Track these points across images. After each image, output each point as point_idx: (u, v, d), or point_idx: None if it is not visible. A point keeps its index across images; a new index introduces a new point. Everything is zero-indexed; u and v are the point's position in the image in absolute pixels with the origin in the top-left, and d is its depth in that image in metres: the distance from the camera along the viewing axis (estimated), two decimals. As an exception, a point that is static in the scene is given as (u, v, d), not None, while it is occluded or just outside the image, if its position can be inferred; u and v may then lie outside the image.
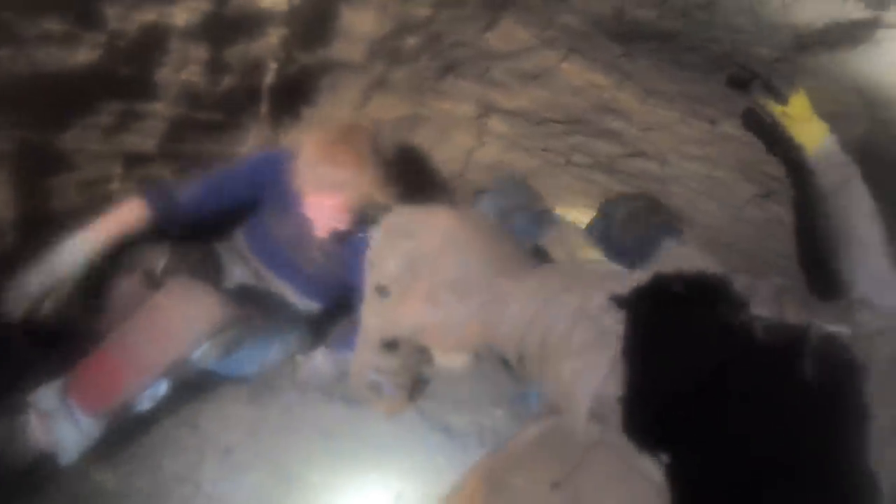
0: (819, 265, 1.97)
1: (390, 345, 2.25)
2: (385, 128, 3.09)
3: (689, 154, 2.85)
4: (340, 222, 2.60)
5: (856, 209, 1.92)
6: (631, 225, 2.90)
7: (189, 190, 2.54)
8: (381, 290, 2.09)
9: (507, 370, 2.89)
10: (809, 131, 2.13)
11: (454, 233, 1.82)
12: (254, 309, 2.47)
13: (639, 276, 1.43)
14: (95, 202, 2.51)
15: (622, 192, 3.26)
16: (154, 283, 2.45)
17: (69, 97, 2.14)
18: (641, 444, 1.21)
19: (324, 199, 2.54)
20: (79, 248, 2.27)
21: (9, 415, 2.08)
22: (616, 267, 1.73)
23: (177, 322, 2.21)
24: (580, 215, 3.72)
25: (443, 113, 3.07)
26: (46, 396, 2.11)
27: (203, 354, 2.28)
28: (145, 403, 2.25)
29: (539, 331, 1.39)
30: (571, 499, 1.31)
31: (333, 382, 2.71)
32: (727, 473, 1.13)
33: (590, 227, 3.26)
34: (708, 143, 2.73)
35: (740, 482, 1.11)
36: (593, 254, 3.14)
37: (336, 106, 2.88)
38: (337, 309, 2.99)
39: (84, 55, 2.03)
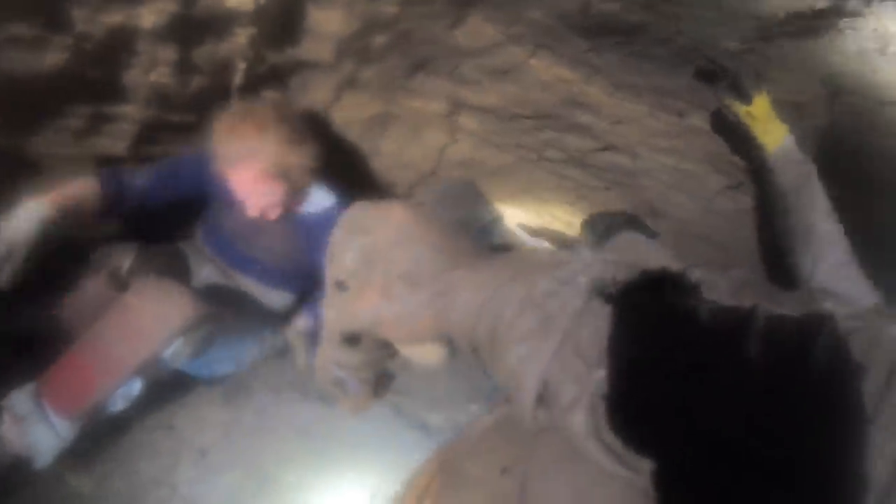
0: (780, 259, 2.03)
1: (351, 339, 2.26)
2: (355, 127, 3.11)
3: (659, 147, 2.88)
4: (266, 195, 2.58)
5: (814, 206, 1.99)
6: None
7: (141, 175, 2.54)
8: (340, 285, 2.11)
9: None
10: (770, 131, 2.20)
11: (408, 226, 1.84)
12: (224, 307, 2.48)
13: (584, 262, 1.44)
14: (67, 206, 2.51)
15: (604, 209, 3.29)
16: (120, 283, 2.45)
17: (38, 101, 2.14)
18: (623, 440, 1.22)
19: (240, 175, 2.52)
20: (31, 213, 2.18)
21: None
22: (564, 255, 1.75)
23: (147, 321, 2.22)
24: (556, 211, 3.74)
25: (414, 111, 3.08)
26: (20, 400, 2.11)
27: (175, 353, 2.28)
28: (119, 404, 2.25)
29: (488, 319, 1.40)
30: (519, 483, 1.33)
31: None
32: (684, 453, 1.14)
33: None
34: (676, 135, 2.75)
35: (697, 462, 1.13)
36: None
37: (306, 106, 2.89)
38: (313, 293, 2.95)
39: (52, 58, 2.03)
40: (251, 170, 2.50)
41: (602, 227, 2.98)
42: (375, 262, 1.92)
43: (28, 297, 2.42)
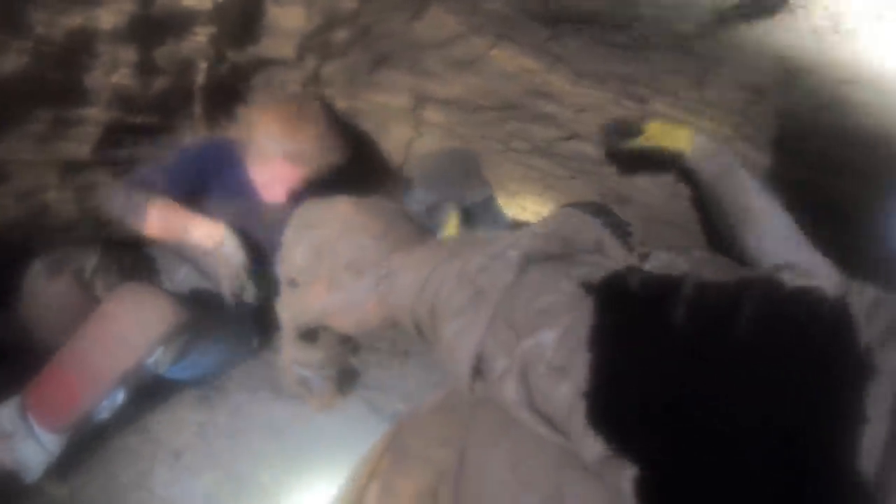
0: (730, 251, 2.08)
1: (307, 336, 2.27)
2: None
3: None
4: (295, 185, 2.66)
5: (742, 187, 2.06)
6: None
7: (161, 179, 2.56)
8: (291, 283, 2.13)
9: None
10: (678, 138, 2.30)
11: (351, 218, 1.87)
12: (203, 310, 2.46)
13: (515, 237, 1.47)
14: (33, 212, 2.50)
15: (574, 200, 3.32)
16: (84, 284, 2.45)
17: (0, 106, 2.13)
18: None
19: (279, 167, 2.59)
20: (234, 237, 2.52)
21: None
22: (502, 234, 1.77)
23: (129, 329, 2.19)
24: (524, 202, 3.76)
25: (378, 106, 3.09)
26: (4, 416, 2.09)
27: (158, 360, 2.27)
28: (104, 413, 2.24)
29: (427, 298, 1.42)
30: (458, 454, 1.35)
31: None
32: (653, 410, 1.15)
33: None
34: (640, 121, 2.78)
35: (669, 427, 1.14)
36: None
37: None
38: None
39: (11, 62, 2.02)
40: (297, 171, 2.58)
41: None
42: (323, 256, 1.94)
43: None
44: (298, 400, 2.69)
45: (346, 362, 2.44)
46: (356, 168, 2.86)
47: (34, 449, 2.09)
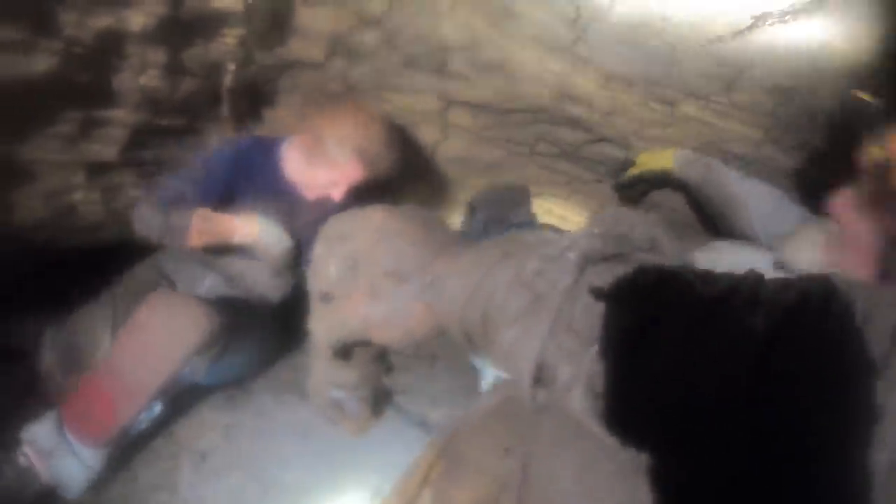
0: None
1: (343, 353, 2.23)
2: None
3: (652, 136, 2.87)
4: (348, 195, 2.63)
5: (725, 181, 2.23)
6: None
7: (191, 190, 2.53)
8: (325, 297, 2.08)
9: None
10: (661, 157, 2.51)
11: (387, 227, 1.84)
12: (234, 317, 2.43)
13: (571, 238, 1.44)
14: (60, 213, 2.50)
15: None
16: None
17: (28, 106, 2.13)
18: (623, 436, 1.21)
19: (346, 171, 2.57)
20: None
21: (4, 454, 2.08)
22: (551, 235, 1.75)
23: (164, 340, 2.17)
24: (548, 205, 3.73)
25: (405, 108, 3.08)
26: (43, 434, 2.09)
27: (194, 369, 2.27)
28: (142, 425, 2.24)
29: (479, 304, 1.39)
30: (522, 464, 1.32)
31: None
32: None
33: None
34: (669, 125, 2.75)
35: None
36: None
37: (288, 108, 2.89)
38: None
39: (41, 63, 2.02)
40: (363, 163, 2.58)
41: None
42: (359, 267, 1.90)
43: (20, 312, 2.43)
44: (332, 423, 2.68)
45: (380, 382, 2.40)
46: (409, 175, 2.86)
47: (75, 466, 2.09)
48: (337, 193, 2.60)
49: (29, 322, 2.51)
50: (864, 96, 1.66)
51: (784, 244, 1.62)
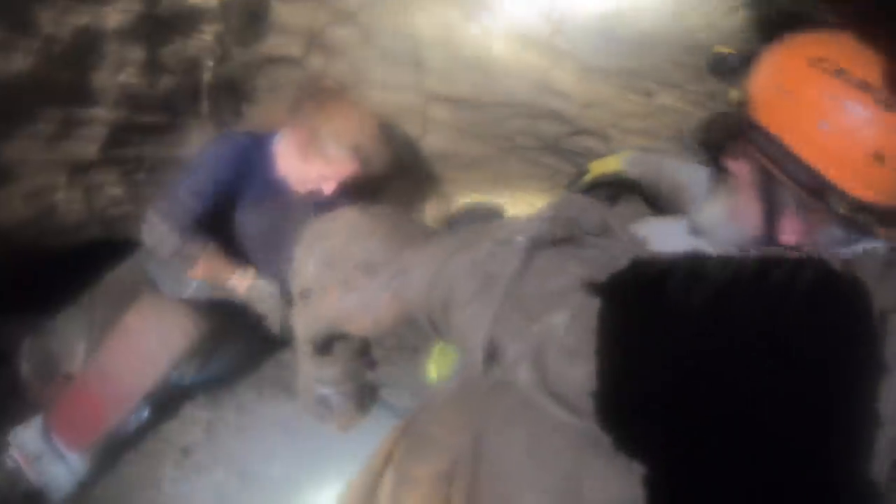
0: None
1: (323, 348, 2.26)
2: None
3: (631, 128, 2.90)
4: (340, 190, 2.61)
5: (669, 171, 2.22)
6: None
7: (200, 199, 2.48)
8: (304, 293, 2.11)
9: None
10: (612, 162, 2.48)
11: (359, 223, 1.88)
12: (221, 321, 2.45)
13: (521, 222, 1.47)
14: (42, 213, 2.50)
15: None
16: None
17: (7, 106, 2.14)
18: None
19: (338, 165, 2.54)
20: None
21: None
22: (506, 221, 1.81)
23: (153, 344, 2.19)
24: (531, 198, 3.76)
25: (385, 104, 3.09)
26: (29, 437, 2.10)
27: (182, 373, 2.28)
28: (129, 429, 2.25)
29: (440, 289, 1.42)
30: (475, 438, 1.35)
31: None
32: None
33: None
34: (647, 115, 2.78)
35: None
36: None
37: (277, 102, 2.89)
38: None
39: (19, 62, 2.03)
40: (356, 157, 2.55)
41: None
42: (334, 264, 1.94)
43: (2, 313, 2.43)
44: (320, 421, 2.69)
45: (364, 378, 2.42)
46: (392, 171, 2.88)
47: (62, 470, 2.10)
48: (328, 187, 2.59)
49: (11, 323, 2.51)
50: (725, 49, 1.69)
51: (699, 209, 1.65)
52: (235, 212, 2.61)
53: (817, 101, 1.19)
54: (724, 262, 1.22)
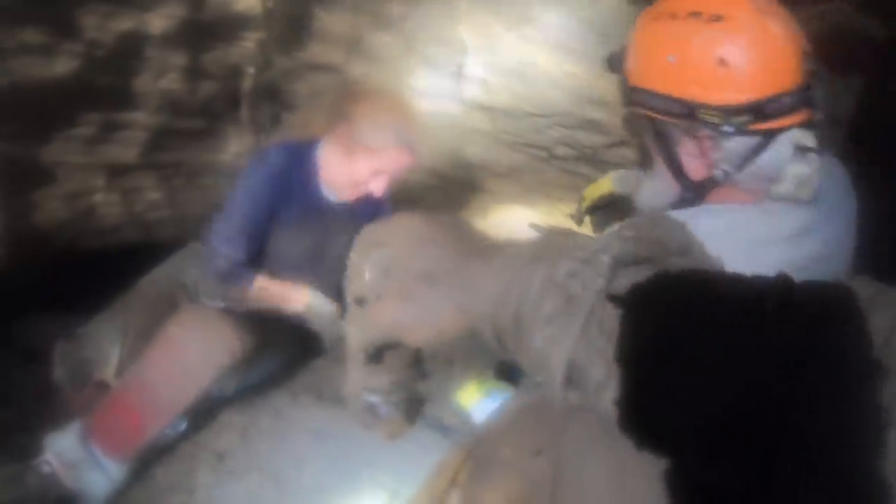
0: None
1: (375, 356, 2.23)
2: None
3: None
4: (379, 189, 2.50)
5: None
6: None
7: (235, 245, 2.45)
8: (360, 301, 2.09)
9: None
10: (604, 184, 2.43)
11: (419, 231, 1.83)
12: (262, 332, 2.41)
13: (603, 241, 1.44)
14: (80, 214, 2.51)
15: None
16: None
17: (49, 109, 2.15)
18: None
19: (390, 160, 2.42)
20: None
21: (27, 460, 2.08)
22: (581, 237, 1.76)
23: (196, 359, 2.18)
24: (569, 209, 3.72)
25: (425, 111, 3.07)
26: (67, 444, 2.09)
27: (221, 387, 2.28)
28: (167, 439, 2.25)
29: (511, 305, 1.38)
30: (553, 464, 1.32)
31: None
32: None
33: None
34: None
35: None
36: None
37: (317, 109, 2.88)
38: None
39: (62, 66, 2.03)
40: (407, 150, 2.45)
41: None
42: (393, 272, 1.91)
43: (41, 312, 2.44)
44: (341, 402, 2.66)
45: (415, 388, 2.40)
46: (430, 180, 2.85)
47: (99, 477, 2.09)
48: (379, 187, 2.47)
49: (46, 323, 2.52)
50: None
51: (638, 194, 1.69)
52: (279, 229, 2.55)
53: (662, 42, 1.36)
54: (814, 290, 1.19)
